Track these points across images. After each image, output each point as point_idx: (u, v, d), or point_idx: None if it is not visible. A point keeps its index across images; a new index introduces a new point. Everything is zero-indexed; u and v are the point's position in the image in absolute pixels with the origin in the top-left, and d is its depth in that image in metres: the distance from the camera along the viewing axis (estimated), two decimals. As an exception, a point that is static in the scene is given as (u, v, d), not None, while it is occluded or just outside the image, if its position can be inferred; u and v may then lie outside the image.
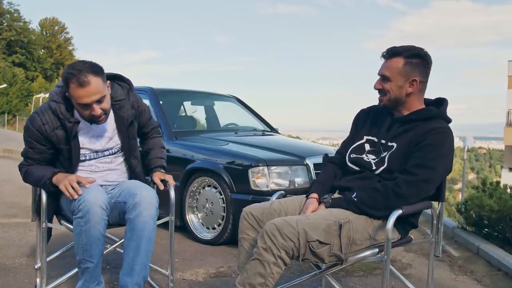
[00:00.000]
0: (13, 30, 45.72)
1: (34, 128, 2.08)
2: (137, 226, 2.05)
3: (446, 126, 1.97)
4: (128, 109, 2.24)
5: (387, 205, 1.89)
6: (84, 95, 1.98)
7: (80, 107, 2.04)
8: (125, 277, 2.07)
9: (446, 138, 1.93)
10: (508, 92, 25.88)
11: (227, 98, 5.49)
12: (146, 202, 2.07)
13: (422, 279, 3.04)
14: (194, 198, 3.89)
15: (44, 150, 2.14)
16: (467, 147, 8.98)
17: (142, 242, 2.06)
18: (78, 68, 1.98)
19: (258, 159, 3.59)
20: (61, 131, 2.09)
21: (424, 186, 1.91)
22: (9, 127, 34.81)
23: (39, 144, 2.12)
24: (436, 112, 1.99)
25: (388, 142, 2.02)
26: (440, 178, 1.97)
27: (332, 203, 1.99)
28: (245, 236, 2.03)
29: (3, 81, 36.88)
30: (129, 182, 2.25)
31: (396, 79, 1.96)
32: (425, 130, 1.93)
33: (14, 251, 3.32)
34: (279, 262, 1.77)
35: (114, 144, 2.26)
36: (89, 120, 2.11)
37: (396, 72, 1.95)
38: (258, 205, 2.08)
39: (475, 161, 79.45)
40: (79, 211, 1.99)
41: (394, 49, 1.98)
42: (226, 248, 3.61)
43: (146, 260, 2.09)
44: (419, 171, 1.89)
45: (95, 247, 2.02)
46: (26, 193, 5.83)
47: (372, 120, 2.14)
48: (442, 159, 1.91)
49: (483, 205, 3.66)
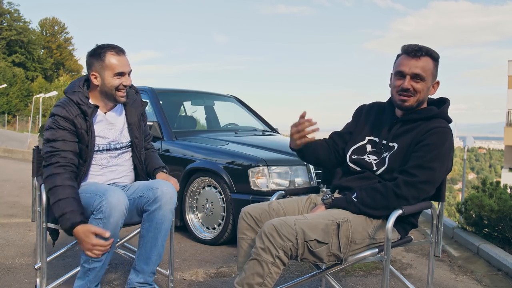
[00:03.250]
0: (13, 30, 45.69)
1: (60, 115, 2.16)
2: (157, 219, 2.17)
3: (446, 125, 1.97)
4: (138, 106, 2.39)
5: (387, 206, 1.89)
6: (121, 63, 2.20)
7: (114, 75, 2.19)
8: (142, 264, 2.23)
9: (446, 137, 1.92)
10: (508, 92, 25.87)
11: (227, 98, 5.49)
12: (167, 196, 2.17)
13: (422, 279, 3.04)
14: (194, 198, 3.89)
15: (68, 137, 2.15)
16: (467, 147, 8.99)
17: (161, 234, 2.19)
18: (111, 44, 2.22)
19: (258, 159, 3.59)
20: (81, 119, 2.19)
21: (424, 187, 1.90)
22: (9, 127, 34.85)
23: (65, 130, 2.15)
24: (437, 111, 1.99)
25: (389, 143, 2.02)
26: (440, 178, 1.96)
27: (332, 204, 1.99)
28: (244, 237, 2.03)
29: (3, 81, 36.89)
30: (144, 181, 2.33)
31: (428, 80, 1.93)
32: (425, 130, 1.93)
33: (14, 251, 3.32)
34: (277, 262, 1.77)
35: (124, 139, 2.35)
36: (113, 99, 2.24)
37: (429, 73, 1.93)
38: (257, 206, 2.08)
39: (475, 161, 79.44)
40: (100, 212, 2.01)
41: (423, 48, 1.92)
42: (226, 248, 3.62)
43: (162, 251, 2.25)
44: (419, 172, 1.88)
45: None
46: (26, 193, 5.86)
47: (374, 120, 2.14)
48: (441, 159, 1.91)
49: (483, 205, 3.66)
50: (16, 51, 46.11)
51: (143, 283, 2.25)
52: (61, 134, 2.15)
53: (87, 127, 2.19)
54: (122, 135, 2.34)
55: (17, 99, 40.61)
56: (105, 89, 2.22)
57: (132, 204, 2.20)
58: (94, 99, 2.27)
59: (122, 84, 2.22)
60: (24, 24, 48.22)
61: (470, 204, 3.89)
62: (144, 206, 2.19)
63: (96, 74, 2.21)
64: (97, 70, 2.20)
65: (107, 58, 2.18)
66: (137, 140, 2.38)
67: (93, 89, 2.26)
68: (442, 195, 2.09)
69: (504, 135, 24.62)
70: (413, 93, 1.94)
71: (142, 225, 2.22)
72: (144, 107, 2.44)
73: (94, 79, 2.22)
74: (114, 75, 2.20)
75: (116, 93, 2.23)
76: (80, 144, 2.19)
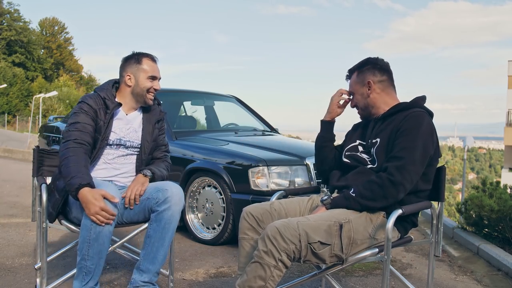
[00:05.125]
0: (13, 30, 45.66)
1: (87, 103, 2.35)
2: (166, 219, 2.24)
3: (421, 110, 2.04)
4: (157, 113, 2.56)
5: (385, 195, 1.91)
6: (155, 69, 2.45)
7: (147, 79, 2.42)
8: (148, 264, 2.28)
9: (422, 120, 1.99)
10: (508, 92, 25.88)
11: (227, 98, 5.49)
12: (176, 197, 2.26)
13: (422, 279, 3.04)
14: (194, 198, 3.89)
15: (89, 122, 2.31)
16: (467, 147, 8.99)
17: (168, 234, 2.26)
18: (147, 52, 2.48)
19: (258, 159, 3.60)
20: (103, 111, 2.37)
21: (413, 169, 1.92)
22: (9, 127, 34.86)
23: (88, 116, 2.31)
24: (409, 102, 2.11)
25: (372, 140, 2.10)
26: (426, 155, 1.96)
27: (332, 204, 2.00)
28: (245, 236, 2.04)
29: (3, 81, 36.88)
30: (151, 183, 2.37)
31: (356, 90, 2.19)
32: (401, 118, 2.03)
33: (14, 251, 3.32)
34: (279, 265, 1.77)
35: (136, 140, 2.46)
36: (143, 101, 2.44)
37: (354, 84, 2.20)
38: (258, 205, 2.09)
39: (475, 161, 79.48)
40: None
41: (350, 69, 2.23)
42: (226, 248, 3.62)
43: (167, 251, 2.32)
44: (404, 153, 1.93)
45: (101, 243, 2.08)
46: (26, 193, 5.87)
47: (362, 128, 2.25)
48: (422, 138, 1.95)
49: (483, 205, 3.66)
50: (16, 51, 46.09)
51: (147, 282, 2.28)
52: (83, 119, 2.30)
53: (106, 119, 2.35)
54: (135, 136, 2.46)
55: (17, 99, 40.60)
56: (137, 90, 2.42)
57: (139, 205, 2.27)
58: (120, 99, 2.45)
59: (153, 87, 2.44)
60: (24, 24, 48.21)
61: (470, 204, 3.89)
62: (152, 207, 2.25)
63: (131, 75, 2.42)
64: (132, 72, 2.42)
65: (144, 62, 2.43)
66: (146, 144, 2.48)
67: (123, 90, 2.45)
68: (441, 195, 2.10)
69: (504, 135, 24.63)
70: (357, 107, 2.23)
71: (150, 225, 2.27)
72: (162, 116, 2.58)
73: (128, 80, 2.42)
74: (148, 77, 2.42)
75: (146, 95, 2.43)
76: (96, 134, 2.33)
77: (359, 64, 2.20)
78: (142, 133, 2.48)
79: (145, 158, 2.48)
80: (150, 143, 2.50)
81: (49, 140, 5.70)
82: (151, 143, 2.50)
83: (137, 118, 2.50)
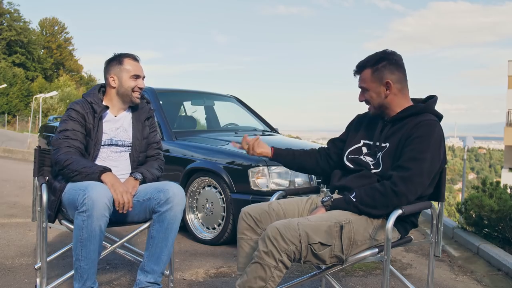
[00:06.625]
0: (13, 30, 45.61)
1: (74, 109, 2.40)
2: (168, 219, 2.25)
3: (433, 118, 2.00)
4: (146, 111, 2.59)
5: (386, 204, 1.90)
6: (137, 68, 2.48)
7: (131, 78, 2.45)
8: (153, 265, 2.30)
9: (434, 129, 1.95)
10: (508, 92, 25.88)
11: (227, 98, 5.49)
12: (178, 197, 2.27)
13: (422, 279, 3.04)
14: (194, 198, 3.89)
15: (78, 129, 2.37)
16: (467, 147, 8.98)
17: (171, 234, 2.29)
18: (128, 52, 2.52)
19: (258, 159, 3.59)
20: (91, 115, 2.42)
21: (419, 180, 1.90)
22: (9, 127, 34.85)
23: (76, 122, 2.37)
24: (422, 107, 2.04)
25: (381, 143, 2.06)
26: (433, 169, 1.95)
27: (332, 205, 1.99)
28: (244, 237, 2.03)
29: (3, 81, 36.87)
30: (152, 183, 2.39)
31: (372, 88, 2.06)
32: (412, 125, 1.98)
33: (14, 251, 3.32)
34: (280, 266, 1.77)
35: (127, 139, 2.49)
36: (129, 100, 2.47)
37: (369, 81, 2.06)
38: (257, 206, 2.09)
39: (475, 161, 79.46)
40: (83, 206, 2.05)
41: (360, 63, 2.10)
42: (226, 248, 3.62)
43: (171, 250, 2.35)
44: (412, 164, 1.90)
45: (94, 243, 2.07)
46: (26, 193, 5.87)
47: (367, 125, 2.19)
48: (432, 149, 1.92)
49: (483, 205, 3.66)
50: (16, 51, 46.05)
51: (153, 283, 2.30)
52: (72, 125, 2.35)
53: (95, 123, 2.39)
54: (126, 135, 2.49)
55: (17, 99, 40.56)
56: (122, 90, 2.45)
57: (140, 205, 2.29)
58: (107, 101, 2.49)
59: (137, 86, 2.46)
60: (24, 24, 48.16)
61: (470, 204, 3.89)
62: (154, 208, 2.27)
63: (114, 77, 2.45)
64: (115, 73, 2.45)
65: (125, 62, 2.46)
66: (137, 142, 2.50)
67: (109, 92, 2.49)
68: (441, 195, 2.09)
69: (504, 135, 24.63)
70: (368, 102, 2.11)
71: (152, 226, 2.29)
72: (151, 113, 2.61)
73: (112, 82, 2.45)
74: (131, 77, 2.45)
75: (132, 94, 2.46)
76: (88, 137, 2.38)
77: (374, 59, 2.06)
78: (133, 131, 2.51)
79: (138, 156, 2.50)
80: (141, 141, 2.52)
81: (49, 140, 5.70)
82: (142, 141, 2.52)
83: (127, 117, 2.53)
